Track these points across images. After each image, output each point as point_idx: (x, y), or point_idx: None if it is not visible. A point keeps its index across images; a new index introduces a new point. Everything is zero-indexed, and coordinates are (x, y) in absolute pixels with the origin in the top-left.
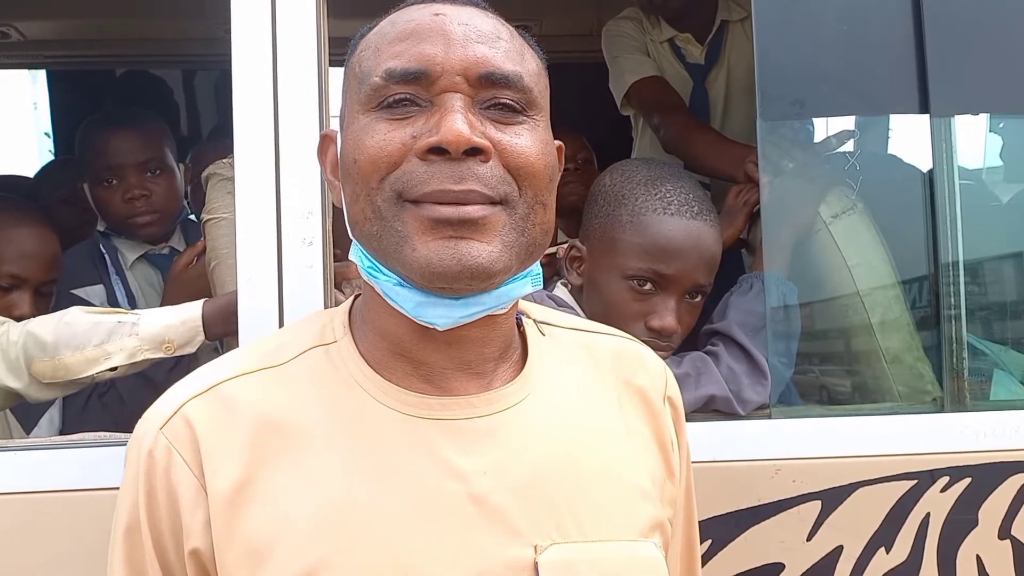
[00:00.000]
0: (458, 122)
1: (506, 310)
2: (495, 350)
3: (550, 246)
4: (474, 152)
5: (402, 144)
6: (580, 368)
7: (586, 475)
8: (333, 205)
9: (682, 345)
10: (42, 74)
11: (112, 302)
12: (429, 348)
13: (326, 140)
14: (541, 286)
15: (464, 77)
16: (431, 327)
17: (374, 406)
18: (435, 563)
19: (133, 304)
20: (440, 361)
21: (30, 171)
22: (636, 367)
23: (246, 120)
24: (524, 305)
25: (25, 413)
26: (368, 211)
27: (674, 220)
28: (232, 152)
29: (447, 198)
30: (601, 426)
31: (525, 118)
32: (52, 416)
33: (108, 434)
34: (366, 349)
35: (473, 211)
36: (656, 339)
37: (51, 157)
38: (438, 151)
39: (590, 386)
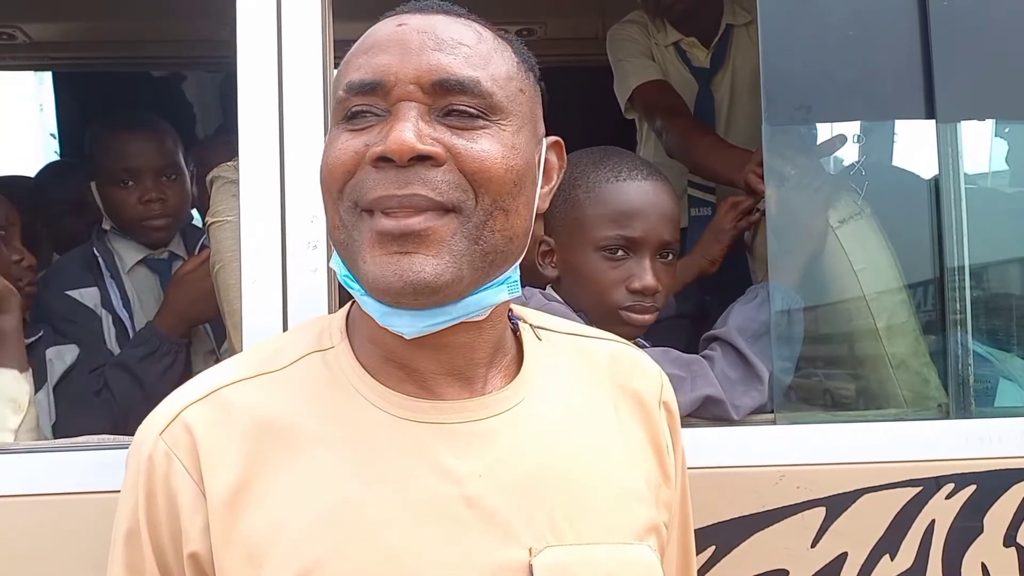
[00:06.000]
0: (405, 131)
1: (483, 317)
2: (484, 355)
3: None
4: (423, 159)
5: (355, 153)
6: (576, 372)
7: (581, 478)
8: None
9: (683, 349)
10: (48, 76)
11: (107, 305)
12: (417, 355)
13: None
14: (519, 293)
15: (418, 85)
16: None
17: (370, 410)
18: (430, 565)
19: (128, 308)
20: (430, 367)
21: (33, 172)
22: (632, 371)
23: (251, 123)
24: (520, 311)
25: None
26: (335, 220)
27: (628, 184)
28: (233, 153)
29: (391, 203)
30: (596, 430)
31: (487, 123)
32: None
33: (106, 437)
34: (362, 354)
35: (415, 223)
36: (640, 301)
37: (57, 158)
38: (385, 159)
39: (586, 390)
